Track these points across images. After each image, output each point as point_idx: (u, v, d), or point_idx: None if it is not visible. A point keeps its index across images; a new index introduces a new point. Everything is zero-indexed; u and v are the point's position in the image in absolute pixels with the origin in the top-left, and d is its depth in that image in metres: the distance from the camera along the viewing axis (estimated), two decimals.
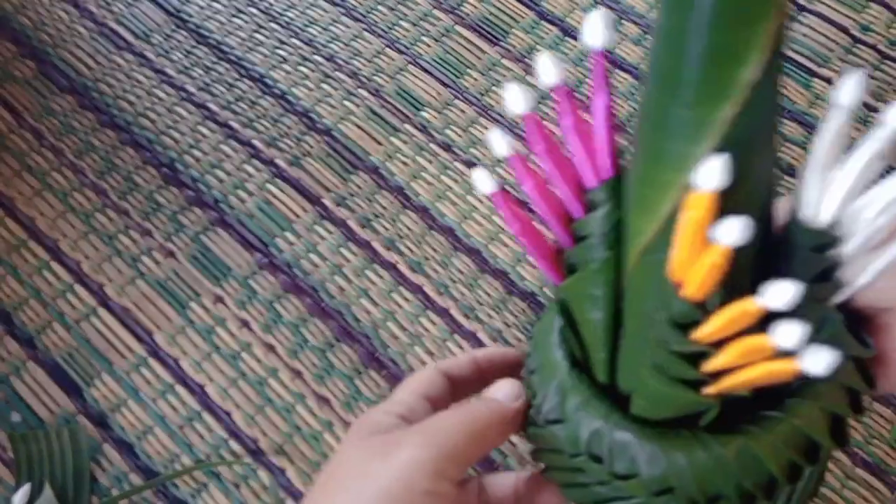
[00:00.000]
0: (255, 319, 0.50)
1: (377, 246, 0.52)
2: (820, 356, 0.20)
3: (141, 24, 0.61)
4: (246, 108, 0.57)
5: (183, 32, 0.61)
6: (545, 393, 0.29)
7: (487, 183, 0.27)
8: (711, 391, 0.24)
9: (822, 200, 0.23)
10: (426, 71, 0.58)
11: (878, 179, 0.22)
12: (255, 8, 0.62)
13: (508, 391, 0.31)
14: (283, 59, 0.59)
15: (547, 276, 0.29)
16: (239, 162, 0.55)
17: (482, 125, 0.56)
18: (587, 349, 0.28)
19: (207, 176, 0.55)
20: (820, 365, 0.20)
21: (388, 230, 0.53)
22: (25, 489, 0.44)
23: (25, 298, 0.52)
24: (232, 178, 0.55)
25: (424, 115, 0.57)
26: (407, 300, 0.50)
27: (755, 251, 0.24)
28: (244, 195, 0.54)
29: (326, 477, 0.29)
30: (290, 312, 0.50)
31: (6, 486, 0.47)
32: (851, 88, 0.21)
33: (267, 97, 0.58)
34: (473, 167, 0.27)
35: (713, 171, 0.20)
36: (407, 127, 0.56)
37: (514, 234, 0.29)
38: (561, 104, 0.26)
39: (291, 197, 0.54)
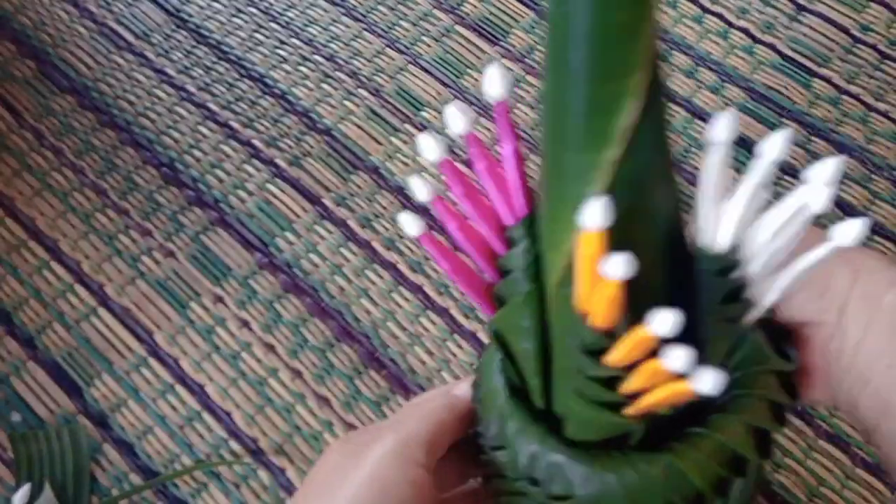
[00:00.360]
0: (255, 319, 0.50)
1: (377, 246, 0.52)
2: (708, 377, 0.21)
3: (141, 23, 0.61)
4: (246, 107, 0.57)
5: (183, 32, 0.61)
6: (488, 420, 0.30)
7: (413, 226, 0.28)
8: (631, 412, 0.25)
9: (716, 229, 0.25)
10: (426, 71, 0.58)
11: (766, 206, 0.24)
12: (254, 8, 0.62)
13: (467, 388, 0.34)
14: (283, 58, 0.59)
15: (481, 308, 0.31)
16: (239, 162, 0.55)
17: (483, 125, 0.56)
18: (523, 376, 0.29)
19: (207, 176, 0.55)
20: (708, 385, 0.21)
21: (388, 230, 0.53)
22: (25, 489, 0.45)
23: (25, 298, 0.52)
24: (232, 177, 0.55)
25: (424, 114, 0.57)
26: (407, 300, 0.50)
27: (664, 276, 0.26)
28: (244, 195, 0.54)
29: (307, 482, 0.31)
30: (290, 312, 0.50)
31: (6, 485, 0.47)
32: (724, 126, 0.22)
33: (267, 97, 0.58)
34: (400, 212, 0.29)
35: (595, 212, 0.21)
36: (407, 127, 0.56)
37: (445, 272, 0.30)
38: (472, 150, 0.27)
39: (291, 197, 0.54)
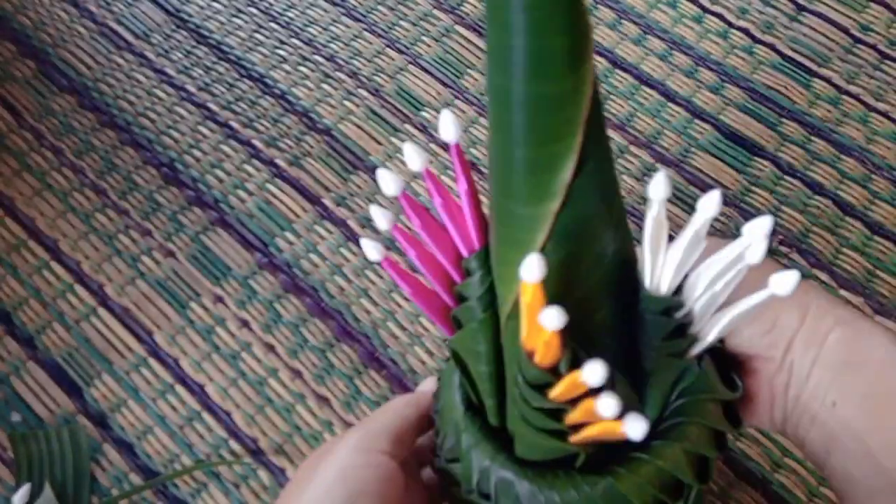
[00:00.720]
0: (254, 319, 0.50)
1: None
2: (635, 425, 0.23)
3: (141, 23, 0.61)
4: (246, 107, 0.57)
5: (183, 32, 0.61)
6: (445, 432, 0.32)
7: (374, 253, 0.30)
8: (574, 440, 0.26)
9: (657, 274, 0.27)
10: (426, 71, 0.58)
11: (706, 253, 0.26)
12: (255, 8, 0.62)
13: (431, 385, 0.37)
14: (283, 58, 0.59)
15: (441, 329, 0.32)
16: (239, 162, 0.55)
17: (482, 125, 0.56)
18: (479, 395, 0.31)
19: (207, 176, 0.55)
20: (636, 432, 0.23)
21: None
22: (25, 489, 0.45)
23: (25, 298, 0.52)
24: (232, 177, 0.55)
25: (424, 115, 0.57)
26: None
27: (611, 312, 0.28)
28: (244, 195, 0.54)
29: (286, 486, 0.33)
30: (289, 312, 0.50)
31: (6, 485, 0.47)
32: (660, 187, 0.24)
33: (267, 97, 0.58)
34: (361, 238, 0.31)
35: (532, 267, 0.23)
36: (407, 127, 0.56)
37: (406, 295, 0.31)
38: (429, 187, 0.29)
39: (291, 197, 0.54)
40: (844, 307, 0.31)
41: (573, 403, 0.25)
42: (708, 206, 0.25)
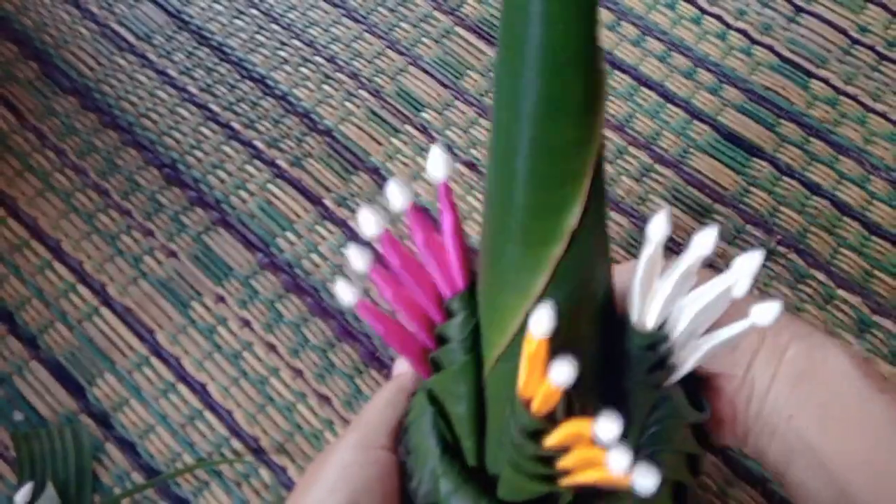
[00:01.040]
0: (256, 319, 0.51)
1: (378, 246, 0.52)
2: (646, 479, 0.22)
3: (143, 25, 0.62)
4: (247, 109, 0.58)
5: (185, 34, 0.61)
6: (420, 476, 0.31)
7: (349, 295, 0.29)
8: (565, 483, 0.26)
9: (646, 310, 0.27)
10: (426, 72, 0.59)
11: (695, 284, 0.27)
12: (256, 9, 0.62)
13: (405, 364, 0.37)
14: (284, 60, 0.60)
15: (416, 371, 0.32)
16: (240, 162, 0.56)
17: (482, 126, 0.56)
18: (456, 435, 0.31)
19: (209, 176, 0.55)
20: (646, 485, 0.22)
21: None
22: (28, 487, 0.45)
23: (28, 298, 0.52)
24: (233, 178, 0.55)
25: (425, 116, 0.57)
26: None
27: (598, 345, 0.28)
28: (245, 195, 0.55)
29: (293, 490, 0.34)
30: (291, 312, 0.51)
31: (8, 484, 0.47)
32: (660, 227, 0.24)
33: (268, 98, 0.58)
34: (337, 279, 0.30)
35: (541, 321, 0.22)
36: (407, 128, 0.57)
37: (379, 336, 0.31)
38: (412, 225, 0.28)
39: (292, 197, 0.54)
40: (801, 322, 0.32)
41: (566, 449, 0.25)
42: (703, 244, 0.25)
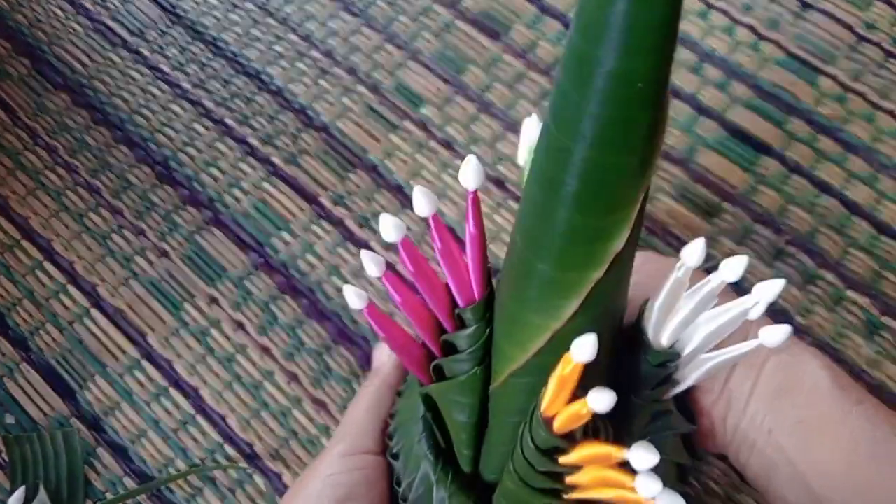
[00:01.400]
0: (250, 321, 0.49)
1: (376, 246, 0.51)
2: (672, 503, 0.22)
3: (136, 20, 0.60)
4: (242, 105, 0.57)
5: (178, 28, 0.60)
6: (410, 481, 0.31)
7: (357, 301, 0.28)
8: (573, 497, 0.26)
9: (662, 329, 0.27)
10: (426, 67, 0.57)
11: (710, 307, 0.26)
12: (251, 3, 0.61)
13: (385, 355, 0.37)
14: (279, 55, 0.58)
15: (417, 377, 0.31)
16: (234, 160, 0.55)
17: (483, 122, 0.55)
18: (451, 442, 0.30)
19: (202, 174, 0.54)
20: None
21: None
22: (20, 492, 0.44)
23: (19, 299, 0.51)
24: (227, 176, 0.54)
25: (424, 111, 0.56)
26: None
27: (612, 358, 0.28)
28: (239, 194, 0.53)
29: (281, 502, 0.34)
30: (286, 314, 0.50)
31: (1, 489, 0.46)
32: (696, 253, 0.24)
33: (263, 94, 0.57)
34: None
35: (585, 349, 0.22)
36: (406, 124, 0.55)
37: (383, 340, 0.31)
38: (432, 233, 0.28)
39: (288, 195, 0.53)
40: None
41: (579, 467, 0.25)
42: (732, 269, 0.24)
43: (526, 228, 0.24)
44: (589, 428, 0.25)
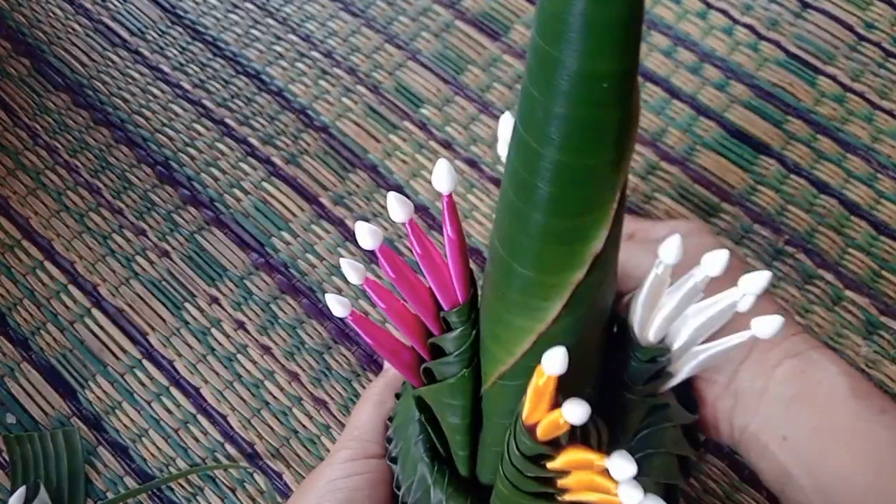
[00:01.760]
0: (251, 321, 0.50)
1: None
2: None
3: (136, 20, 0.61)
4: (242, 105, 0.57)
5: (178, 29, 0.60)
6: (408, 484, 0.31)
7: (339, 309, 0.28)
8: (565, 499, 0.26)
9: (648, 326, 0.27)
10: (426, 67, 0.57)
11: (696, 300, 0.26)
12: (251, 3, 0.61)
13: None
14: (279, 55, 0.58)
15: (408, 380, 0.31)
16: (234, 160, 0.55)
17: (483, 122, 0.55)
18: (447, 445, 0.30)
19: (202, 174, 0.54)
20: None
21: (387, 230, 0.52)
22: (21, 491, 0.44)
23: (20, 299, 0.51)
24: (227, 176, 0.54)
25: (424, 111, 0.56)
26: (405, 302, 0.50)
27: (599, 358, 0.28)
28: (240, 194, 0.53)
29: None
30: (286, 313, 0.50)
31: (1, 488, 0.46)
32: (672, 251, 0.24)
33: (263, 94, 0.57)
34: (327, 293, 0.30)
35: (555, 361, 0.21)
36: (406, 124, 0.55)
37: (371, 346, 0.31)
38: (410, 239, 0.27)
39: (288, 196, 0.53)
40: (792, 339, 0.31)
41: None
42: (713, 264, 0.24)
43: (504, 231, 0.24)
44: (577, 431, 0.25)
